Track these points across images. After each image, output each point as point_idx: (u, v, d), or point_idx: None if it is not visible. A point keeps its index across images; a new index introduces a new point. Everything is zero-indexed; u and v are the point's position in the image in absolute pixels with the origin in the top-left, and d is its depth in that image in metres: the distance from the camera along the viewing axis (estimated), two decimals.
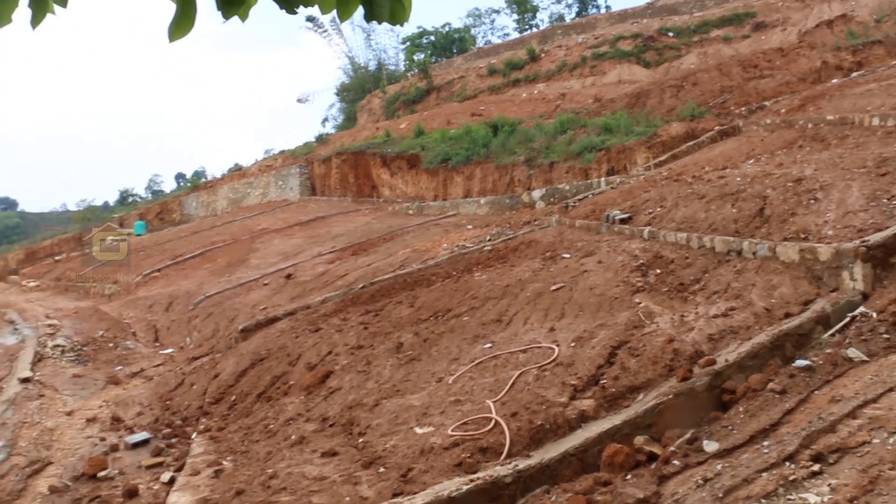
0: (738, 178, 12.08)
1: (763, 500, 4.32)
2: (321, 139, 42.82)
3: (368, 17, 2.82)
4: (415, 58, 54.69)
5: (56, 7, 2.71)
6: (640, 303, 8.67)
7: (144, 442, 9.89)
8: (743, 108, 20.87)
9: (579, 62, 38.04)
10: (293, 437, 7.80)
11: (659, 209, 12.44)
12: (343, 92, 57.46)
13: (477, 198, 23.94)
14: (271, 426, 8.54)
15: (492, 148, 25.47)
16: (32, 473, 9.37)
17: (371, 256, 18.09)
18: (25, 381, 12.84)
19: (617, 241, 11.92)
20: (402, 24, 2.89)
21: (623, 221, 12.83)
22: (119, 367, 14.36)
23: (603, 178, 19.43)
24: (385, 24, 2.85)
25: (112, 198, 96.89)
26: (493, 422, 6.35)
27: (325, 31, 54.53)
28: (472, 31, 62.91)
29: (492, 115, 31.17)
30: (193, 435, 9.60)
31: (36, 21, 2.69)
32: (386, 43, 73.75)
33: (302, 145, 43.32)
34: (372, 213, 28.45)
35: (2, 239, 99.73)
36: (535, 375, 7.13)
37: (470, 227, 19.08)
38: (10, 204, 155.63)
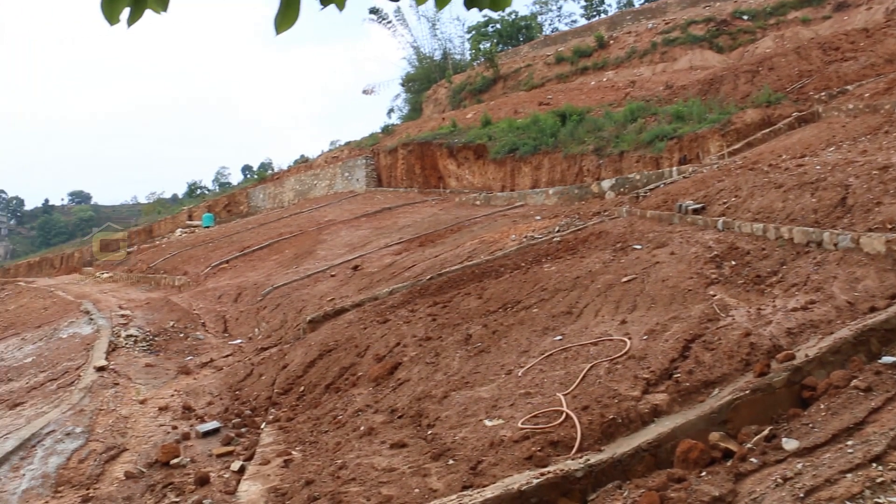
0: (818, 167, 11.65)
1: (847, 503, 4.14)
2: (387, 130, 43.00)
3: (469, 4, 2.79)
4: (480, 47, 54.36)
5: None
6: (714, 295, 8.44)
7: (215, 431, 10.09)
8: (823, 93, 20.14)
9: (649, 48, 37.30)
10: (362, 428, 7.83)
11: (734, 199, 12.10)
12: (408, 82, 57.57)
13: (545, 188, 23.71)
14: (340, 417, 8.60)
15: (560, 137, 25.20)
16: (109, 459, 9.66)
17: (438, 248, 18.07)
18: (101, 369, 13.26)
19: (690, 232, 11.65)
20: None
21: (696, 212, 12.52)
22: (189, 357, 14.67)
23: (675, 168, 19.01)
24: (450, 14, 2.83)
25: (181, 190, 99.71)
26: (563, 415, 6.26)
27: (390, 22, 54.70)
28: (539, 19, 62.38)
29: (560, 103, 30.83)
30: (263, 425, 9.74)
31: (132, 20, 2.74)
32: (451, 32, 73.72)
33: (368, 136, 43.56)
34: (438, 204, 28.44)
35: (76, 231, 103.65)
36: (607, 368, 7.01)
37: (538, 217, 18.90)
38: (84, 197, 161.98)
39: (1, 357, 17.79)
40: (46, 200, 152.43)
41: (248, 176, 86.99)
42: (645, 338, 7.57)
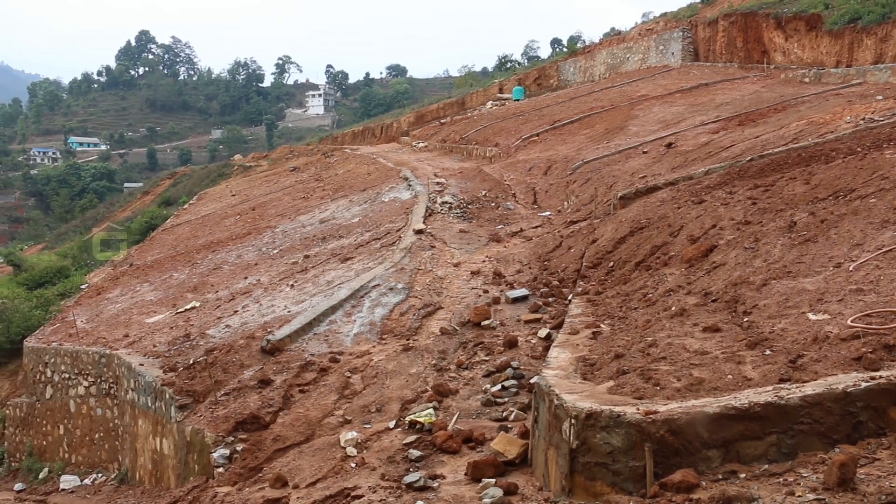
0: None
1: None
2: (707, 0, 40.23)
3: None
4: None
5: None
6: None
7: (523, 298, 10.66)
8: None
9: None
10: (673, 308, 7.80)
11: None
12: None
13: (891, 63, 21.01)
14: (650, 295, 8.63)
15: None
16: (426, 315, 10.69)
17: (760, 127, 16.96)
18: (419, 232, 14.48)
19: None
20: None
21: None
22: (500, 226, 15.43)
23: None
24: None
25: (490, 63, 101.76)
26: None
27: None
28: None
29: None
30: (570, 296, 10.07)
31: None
32: None
33: (685, 7, 41.15)
34: (761, 80, 26.47)
35: (393, 103, 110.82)
36: None
37: (880, 97, 16.89)
38: (400, 71, 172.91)
39: (333, 216, 20.05)
40: (367, 74, 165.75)
41: (558, 49, 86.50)
42: None
